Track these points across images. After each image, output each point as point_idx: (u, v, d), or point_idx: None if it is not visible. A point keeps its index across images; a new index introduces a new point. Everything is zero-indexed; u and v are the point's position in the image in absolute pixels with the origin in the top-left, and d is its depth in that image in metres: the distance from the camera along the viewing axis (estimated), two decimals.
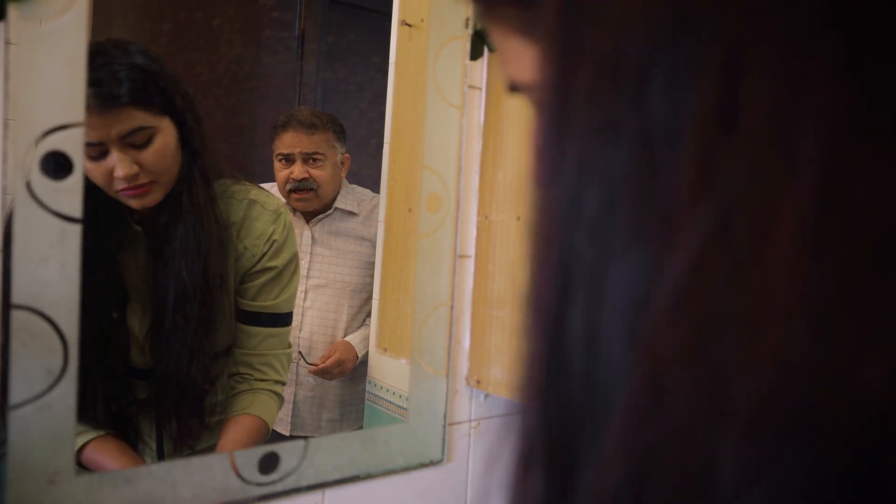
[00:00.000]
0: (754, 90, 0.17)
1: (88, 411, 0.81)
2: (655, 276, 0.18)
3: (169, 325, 0.91)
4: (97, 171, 0.83)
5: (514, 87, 0.29)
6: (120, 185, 0.85)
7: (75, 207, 0.66)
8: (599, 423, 0.19)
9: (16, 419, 0.64)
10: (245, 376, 0.99)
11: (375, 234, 1.13)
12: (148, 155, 0.86)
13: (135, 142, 0.85)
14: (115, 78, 0.83)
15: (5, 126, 0.63)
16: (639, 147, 0.18)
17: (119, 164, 0.83)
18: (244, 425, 0.96)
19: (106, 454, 0.84)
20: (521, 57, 0.27)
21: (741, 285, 0.17)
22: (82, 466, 0.82)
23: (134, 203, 0.87)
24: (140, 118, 0.85)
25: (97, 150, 0.82)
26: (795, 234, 0.16)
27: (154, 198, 0.89)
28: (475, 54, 0.99)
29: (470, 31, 0.98)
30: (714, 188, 0.17)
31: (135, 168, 0.85)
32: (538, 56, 0.21)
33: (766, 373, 0.16)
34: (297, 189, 1.16)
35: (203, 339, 0.93)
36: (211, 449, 0.94)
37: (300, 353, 1.16)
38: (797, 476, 0.16)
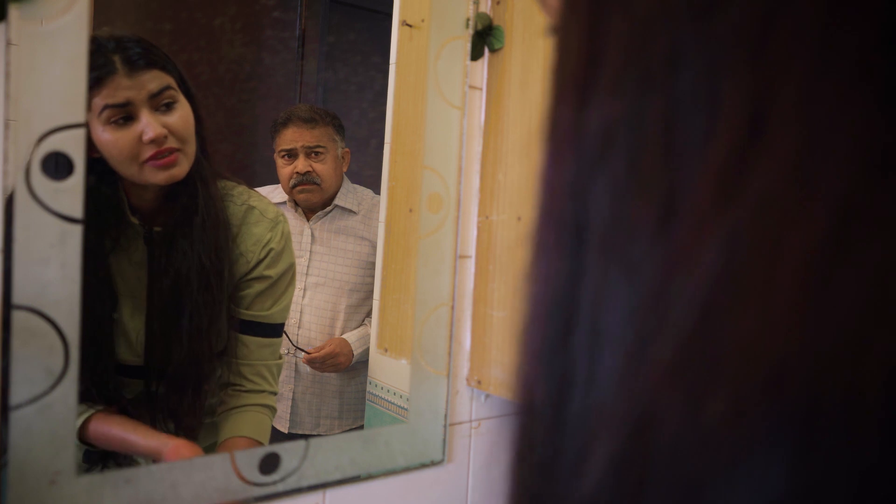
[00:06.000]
0: (785, 101, 0.15)
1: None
2: (666, 284, 0.17)
3: (174, 318, 0.90)
4: (124, 140, 0.83)
5: (553, 30, 0.27)
6: (149, 152, 0.85)
7: (76, 208, 0.66)
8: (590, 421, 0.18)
9: (17, 420, 0.63)
10: (237, 388, 0.98)
11: (375, 234, 1.13)
12: (174, 119, 0.87)
13: (163, 102, 0.86)
14: (132, 50, 0.84)
15: (6, 126, 0.63)
16: (662, 130, 0.17)
17: (149, 125, 0.83)
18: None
19: (112, 423, 0.84)
20: None
21: (743, 316, 0.15)
22: (84, 443, 0.83)
23: (161, 176, 0.87)
24: (167, 79, 0.86)
25: (123, 112, 0.83)
26: (802, 270, 0.15)
27: (181, 170, 0.88)
28: (476, 54, 0.99)
29: (470, 31, 0.97)
30: (728, 213, 0.16)
31: (164, 130, 0.85)
32: None
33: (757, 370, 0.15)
34: (301, 182, 1.17)
35: (209, 332, 0.93)
36: (207, 449, 0.94)
37: (295, 344, 1.17)
38: None
